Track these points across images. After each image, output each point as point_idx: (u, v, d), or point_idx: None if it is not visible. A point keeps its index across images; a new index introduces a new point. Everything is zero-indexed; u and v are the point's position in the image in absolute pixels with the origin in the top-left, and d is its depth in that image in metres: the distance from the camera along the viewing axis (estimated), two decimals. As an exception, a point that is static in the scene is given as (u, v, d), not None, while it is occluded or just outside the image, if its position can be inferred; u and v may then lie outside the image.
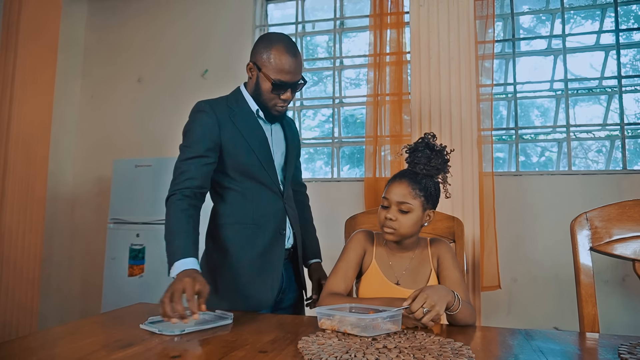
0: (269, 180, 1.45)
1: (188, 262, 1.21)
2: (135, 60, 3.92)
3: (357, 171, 3.59)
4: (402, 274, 1.31)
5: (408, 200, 1.23)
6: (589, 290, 1.22)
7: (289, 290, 1.54)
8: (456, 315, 1.13)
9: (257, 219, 1.43)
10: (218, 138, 1.39)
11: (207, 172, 1.39)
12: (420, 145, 1.27)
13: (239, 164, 1.42)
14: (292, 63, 1.37)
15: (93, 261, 3.73)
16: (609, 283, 2.73)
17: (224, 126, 1.40)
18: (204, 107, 1.42)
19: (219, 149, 1.41)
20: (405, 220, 1.23)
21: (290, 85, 1.39)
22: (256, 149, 1.42)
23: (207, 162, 1.38)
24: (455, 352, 0.88)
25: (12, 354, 0.90)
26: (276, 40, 1.39)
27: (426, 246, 1.34)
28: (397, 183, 1.25)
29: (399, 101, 3.08)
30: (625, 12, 3.18)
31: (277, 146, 1.52)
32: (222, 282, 1.42)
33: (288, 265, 1.54)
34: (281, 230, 1.46)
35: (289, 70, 1.37)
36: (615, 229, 1.25)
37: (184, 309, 1.05)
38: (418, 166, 1.26)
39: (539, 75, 3.26)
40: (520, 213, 2.92)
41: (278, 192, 1.48)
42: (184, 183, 1.34)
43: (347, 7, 3.62)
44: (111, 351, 0.90)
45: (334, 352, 0.87)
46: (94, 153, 3.93)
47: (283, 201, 1.49)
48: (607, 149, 3.13)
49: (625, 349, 0.92)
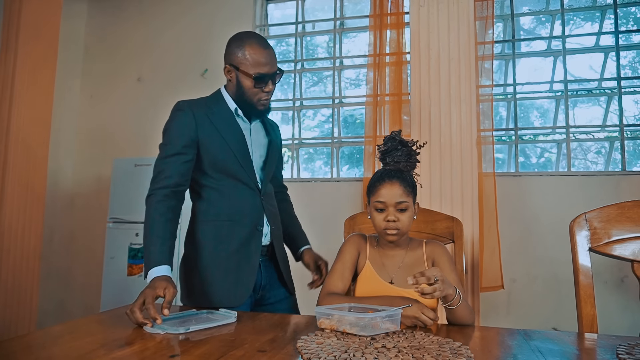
0: (246, 177, 1.47)
1: (162, 269, 1.27)
2: (135, 60, 3.92)
3: (356, 171, 3.59)
4: (396, 271, 1.33)
5: (404, 198, 1.26)
6: (587, 291, 1.22)
7: (271, 288, 1.55)
8: (455, 311, 1.15)
9: (233, 215, 1.46)
10: (195, 135, 1.43)
11: (185, 169, 1.43)
12: (398, 144, 1.31)
13: (216, 161, 1.45)
14: (267, 55, 1.43)
15: (92, 260, 3.73)
16: (607, 284, 2.73)
17: (201, 124, 1.44)
18: (182, 106, 1.47)
19: (196, 146, 1.44)
20: (405, 218, 1.27)
21: (270, 77, 1.44)
22: (233, 146, 1.45)
23: (185, 159, 1.42)
24: (454, 352, 0.88)
25: (10, 352, 0.90)
26: (246, 37, 1.45)
27: (421, 246, 1.36)
28: (389, 185, 1.27)
29: (399, 101, 3.08)
30: (625, 14, 3.18)
31: (256, 146, 1.54)
32: (198, 278, 1.44)
33: (268, 264, 1.55)
34: (258, 227, 1.48)
35: (266, 62, 1.42)
36: (614, 229, 1.25)
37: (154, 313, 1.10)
38: (401, 164, 1.30)
39: (539, 76, 3.27)
40: (520, 214, 2.92)
41: (255, 188, 1.50)
42: (164, 181, 1.39)
43: (347, 7, 3.62)
44: (110, 350, 0.90)
45: (333, 351, 0.87)
46: (93, 152, 3.93)
47: (261, 197, 1.50)
48: (606, 150, 3.13)
49: (623, 349, 0.92)
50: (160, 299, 1.19)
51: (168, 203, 1.37)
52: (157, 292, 1.17)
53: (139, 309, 1.12)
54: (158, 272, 1.26)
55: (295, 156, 3.58)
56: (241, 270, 1.44)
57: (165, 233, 1.33)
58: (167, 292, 1.18)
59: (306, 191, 3.29)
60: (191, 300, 1.44)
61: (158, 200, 1.36)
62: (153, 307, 1.12)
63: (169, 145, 1.42)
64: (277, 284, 1.57)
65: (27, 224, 2.87)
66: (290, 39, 3.78)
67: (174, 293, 1.19)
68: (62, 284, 3.83)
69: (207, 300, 1.41)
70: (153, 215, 1.35)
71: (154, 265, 1.27)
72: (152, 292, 1.17)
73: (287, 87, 3.79)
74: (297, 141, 3.60)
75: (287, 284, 1.58)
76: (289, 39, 3.79)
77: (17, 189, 2.81)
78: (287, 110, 3.66)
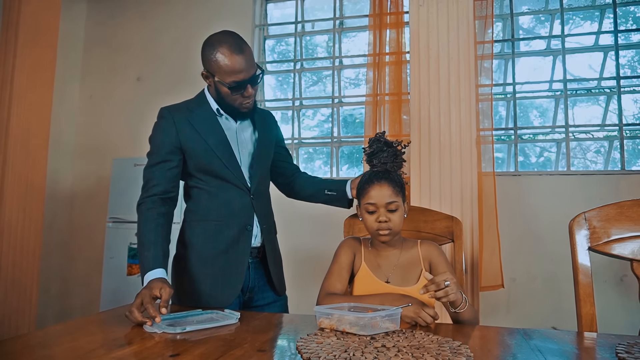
0: (232, 177, 1.47)
1: (156, 272, 1.29)
2: (134, 60, 3.92)
3: (356, 171, 3.59)
4: (391, 271, 1.34)
5: (394, 198, 1.28)
6: (587, 290, 1.22)
7: (260, 291, 1.53)
8: (463, 314, 1.17)
9: (221, 215, 1.46)
10: (177, 141, 1.44)
11: (172, 175, 1.45)
12: (383, 145, 1.34)
13: (201, 164, 1.46)
14: (241, 61, 1.35)
15: (92, 260, 3.73)
16: (607, 283, 2.73)
17: (182, 129, 1.45)
18: (162, 113, 1.49)
19: (181, 152, 1.46)
20: (396, 217, 1.29)
21: (248, 82, 1.39)
22: (215, 147, 1.45)
23: (171, 166, 1.44)
24: (453, 351, 0.88)
25: (10, 352, 0.90)
26: (218, 42, 1.36)
27: (415, 246, 1.37)
28: (377, 186, 1.29)
29: (398, 101, 3.08)
30: (624, 13, 3.18)
31: (243, 144, 1.53)
32: (187, 277, 1.45)
33: (258, 265, 1.53)
34: (247, 226, 1.47)
35: (241, 68, 1.35)
36: (614, 229, 1.25)
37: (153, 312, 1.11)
38: (388, 165, 1.32)
39: (538, 75, 3.27)
40: (519, 213, 2.92)
41: (244, 188, 1.48)
42: (152, 190, 1.41)
43: (346, 6, 3.62)
44: (110, 350, 0.90)
45: (333, 350, 0.87)
46: (93, 152, 3.93)
47: (250, 197, 1.49)
48: (605, 149, 3.13)
49: (622, 348, 0.92)
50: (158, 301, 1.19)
51: (158, 209, 1.39)
52: (154, 292, 1.18)
53: (137, 309, 1.13)
54: (153, 276, 1.27)
55: (295, 156, 3.58)
56: (229, 271, 1.44)
57: (157, 238, 1.35)
58: (163, 292, 1.19)
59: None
60: (180, 299, 1.45)
61: (148, 207, 1.39)
62: (152, 306, 1.13)
63: (154, 154, 1.45)
64: (266, 287, 1.55)
65: (27, 223, 2.87)
66: (289, 39, 3.78)
67: (170, 292, 1.20)
68: (61, 283, 3.83)
69: (195, 300, 1.42)
70: (144, 222, 1.37)
71: (148, 270, 1.29)
72: (149, 292, 1.19)
73: (286, 86, 3.79)
74: (297, 141, 3.60)
75: (277, 287, 1.56)
76: (288, 38, 3.79)
77: (17, 188, 2.81)
78: (287, 109, 3.66)
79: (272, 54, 3.90)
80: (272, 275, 1.54)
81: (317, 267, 2.96)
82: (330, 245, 1.87)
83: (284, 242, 1.68)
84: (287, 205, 1.92)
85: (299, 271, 2.82)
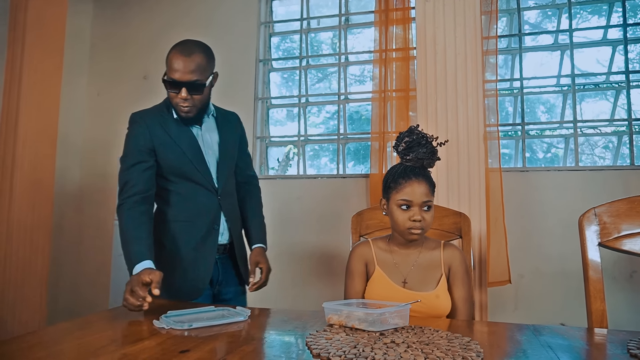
0: (202, 179, 1.53)
1: (145, 263, 1.33)
2: (141, 58, 3.93)
3: (362, 168, 3.58)
4: (409, 270, 1.30)
5: (430, 197, 1.25)
6: (597, 286, 1.21)
7: (228, 284, 1.62)
8: None
9: (191, 216, 1.53)
10: (151, 144, 1.50)
11: (148, 175, 1.49)
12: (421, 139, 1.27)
13: (173, 167, 1.52)
14: (181, 62, 1.44)
15: (100, 257, 3.75)
16: (616, 279, 2.72)
17: (155, 133, 1.51)
18: (134, 118, 1.56)
19: (154, 154, 1.51)
20: (429, 216, 1.26)
21: (183, 84, 1.44)
22: (187, 150, 1.51)
23: (146, 166, 1.49)
24: (463, 347, 0.88)
25: (21, 348, 0.91)
26: (177, 44, 1.52)
27: (438, 248, 1.33)
28: (416, 183, 1.24)
29: (405, 97, 3.07)
30: (633, 7, 3.14)
31: (208, 147, 1.59)
32: None
33: (226, 260, 1.62)
34: (214, 226, 1.55)
35: (177, 68, 1.44)
36: (624, 224, 1.24)
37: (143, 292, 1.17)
38: (425, 161, 1.27)
39: (545, 70, 3.24)
40: (527, 209, 2.91)
41: (212, 189, 1.56)
42: (131, 190, 1.45)
43: (352, 3, 3.60)
44: (120, 346, 0.91)
45: (342, 346, 0.87)
46: (100, 150, 3.95)
47: (218, 197, 1.57)
48: (614, 144, 3.11)
49: (634, 344, 0.92)
50: None
51: (139, 208, 1.43)
52: (143, 278, 1.23)
53: (130, 295, 1.19)
54: (142, 267, 1.32)
55: (301, 153, 3.58)
56: (197, 266, 1.52)
57: (141, 233, 1.39)
58: (152, 276, 1.23)
59: (312, 188, 3.29)
60: None
61: (129, 207, 1.43)
62: (140, 288, 1.19)
63: (129, 156, 1.50)
64: (234, 281, 1.64)
65: (36, 222, 2.89)
66: (295, 36, 3.77)
67: (160, 275, 1.25)
68: (71, 281, 3.86)
69: (169, 294, 1.47)
70: (127, 221, 1.41)
71: (135, 263, 1.33)
72: (138, 277, 1.24)
73: (292, 84, 3.78)
74: (303, 138, 3.60)
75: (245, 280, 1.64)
76: (293, 35, 3.78)
77: (25, 187, 2.83)
78: (293, 107, 3.66)
79: (278, 51, 3.90)
80: (241, 270, 1.63)
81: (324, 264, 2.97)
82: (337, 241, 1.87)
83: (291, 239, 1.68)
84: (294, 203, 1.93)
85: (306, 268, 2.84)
